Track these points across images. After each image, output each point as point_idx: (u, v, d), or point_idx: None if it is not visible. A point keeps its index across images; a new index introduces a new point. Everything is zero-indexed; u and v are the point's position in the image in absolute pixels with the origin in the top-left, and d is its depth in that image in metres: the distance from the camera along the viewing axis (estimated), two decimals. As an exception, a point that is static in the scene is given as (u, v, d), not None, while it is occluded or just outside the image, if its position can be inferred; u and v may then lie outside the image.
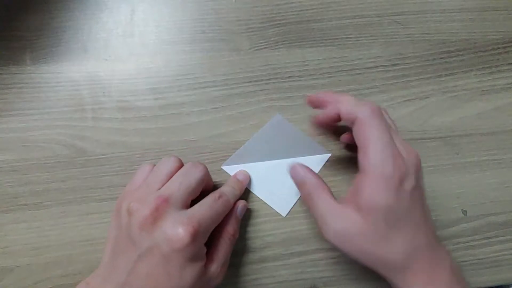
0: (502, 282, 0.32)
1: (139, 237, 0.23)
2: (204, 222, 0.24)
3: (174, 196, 0.24)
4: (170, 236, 0.23)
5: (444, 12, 0.38)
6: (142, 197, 0.25)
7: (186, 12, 0.36)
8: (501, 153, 0.34)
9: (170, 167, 0.27)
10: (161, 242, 0.23)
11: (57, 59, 0.34)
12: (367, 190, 0.23)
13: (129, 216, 0.24)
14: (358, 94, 0.35)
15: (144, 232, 0.23)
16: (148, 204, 0.24)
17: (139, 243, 0.23)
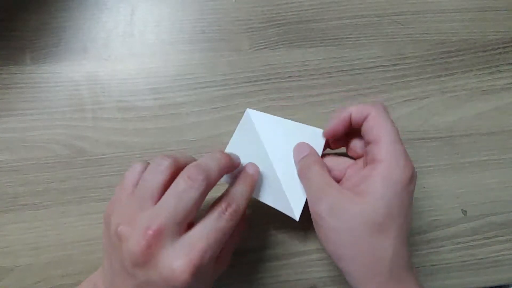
0: (502, 282, 0.32)
1: (133, 271, 0.21)
2: (209, 248, 0.21)
3: (168, 224, 0.20)
4: (167, 277, 0.20)
5: (444, 12, 0.38)
6: (131, 218, 0.21)
7: (186, 12, 0.36)
8: (501, 153, 0.34)
9: (162, 177, 0.22)
10: (157, 281, 0.20)
11: (57, 59, 0.34)
12: (379, 178, 0.22)
13: (120, 241, 0.21)
14: (358, 94, 0.35)
15: (138, 269, 0.20)
16: (138, 239, 0.20)
17: (135, 276, 0.21)
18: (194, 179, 0.21)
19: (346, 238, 0.22)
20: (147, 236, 0.20)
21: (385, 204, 0.22)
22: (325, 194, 0.23)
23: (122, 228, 0.21)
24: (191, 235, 0.21)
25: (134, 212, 0.22)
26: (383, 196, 0.22)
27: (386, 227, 0.22)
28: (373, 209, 0.22)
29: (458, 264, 0.32)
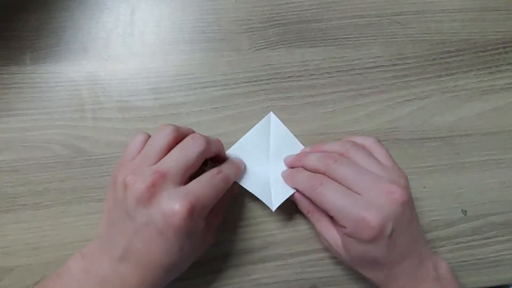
0: (502, 282, 0.32)
1: (135, 212, 0.23)
2: (202, 197, 0.24)
3: (172, 171, 0.24)
4: (167, 212, 0.22)
5: (444, 12, 0.38)
6: (138, 170, 0.24)
7: (186, 12, 0.36)
8: (501, 153, 0.34)
9: (167, 139, 0.25)
10: (157, 218, 0.22)
11: (57, 59, 0.34)
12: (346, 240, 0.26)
13: (125, 189, 0.23)
14: (358, 94, 0.35)
15: (140, 207, 0.22)
16: (145, 179, 0.23)
17: (136, 217, 0.23)
18: (197, 138, 0.25)
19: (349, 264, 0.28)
20: (152, 176, 0.23)
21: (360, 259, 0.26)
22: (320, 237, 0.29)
23: (129, 177, 0.23)
24: (189, 186, 0.24)
25: (140, 166, 0.24)
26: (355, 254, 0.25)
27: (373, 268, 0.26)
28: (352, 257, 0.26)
29: (458, 264, 0.32)
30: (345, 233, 0.25)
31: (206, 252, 0.30)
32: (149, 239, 0.23)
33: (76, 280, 0.23)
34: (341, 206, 0.25)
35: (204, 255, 0.30)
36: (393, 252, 0.24)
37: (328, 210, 0.25)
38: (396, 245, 0.24)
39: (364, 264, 0.26)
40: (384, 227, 0.23)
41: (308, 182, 0.27)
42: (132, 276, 0.23)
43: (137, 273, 0.23)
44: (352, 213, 0.24)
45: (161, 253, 0.23)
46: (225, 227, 0.31)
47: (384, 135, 0.34)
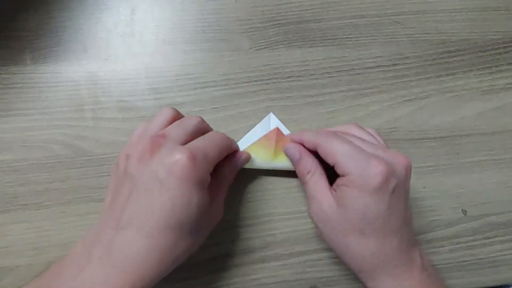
0: (502, 282, 0.32)
1: (136, 170, 0.23)
2: (203, 147, 0.24)
3: (171, 134, 0.24)
4: (167, 162, 0.22)
5: (444, 12, 0.38)
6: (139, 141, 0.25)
7: (186, 12, 0.36)
8: (501, 153, 0.34)
9: (166, 116, 0.26)
10: (158, 170, 0.22)
11: (57, 59, 0.34)
12: (347, 191, 0.24)
13: (127, 159, 0.24)
14: (358, 94, 0.35)
15: (142, 165, 0.22)
16: (145, 141, 0.24)
17: (137, 176, 0.22)
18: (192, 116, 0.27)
19: (333, 239, 0.26)
20: (152, 138, 0.24)
21: (358, 214, 0.24)
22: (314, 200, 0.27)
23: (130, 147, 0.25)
24: (189, 143, 0.24)
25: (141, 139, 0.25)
26: (353, 207, 0.24)
27: (362, 232, 0.24)
28: (347, 218, 0.25)
29: (458, 264, 0.32)
30: (349, 180, 0.24)
31: (206, 252, 0.31)
32: (151, 195, 0.22)
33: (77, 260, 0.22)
34: (350, 151, 0.24)
35: (204, 255, 0.31)
36: (390, 217, 0.24)
37: (334, 156, 0.25)
38: (394, 212, 0.24)
39: (358, 227, 0.24)
40: (389, 178, 0.23)
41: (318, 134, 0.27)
42: (138, 243, 0.21)
43: (143, 239, 0.21)
44: (360, 158, 0.24)
45: (165, 210, 0.21)
46: (225, 227, 0.31)
47: (384, 135, 0.34)
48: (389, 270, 0.25)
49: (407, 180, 0.25)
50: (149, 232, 0.21)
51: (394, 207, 0.24)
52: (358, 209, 0.24)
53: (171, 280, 0.30)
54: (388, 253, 0.24)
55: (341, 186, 0.25)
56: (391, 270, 0.25)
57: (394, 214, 0.24)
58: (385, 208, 0.24)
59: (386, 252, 0.24)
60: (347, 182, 0.24)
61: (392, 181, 0.24)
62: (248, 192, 0.32)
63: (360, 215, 0.24)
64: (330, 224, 0.25)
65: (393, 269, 0.25)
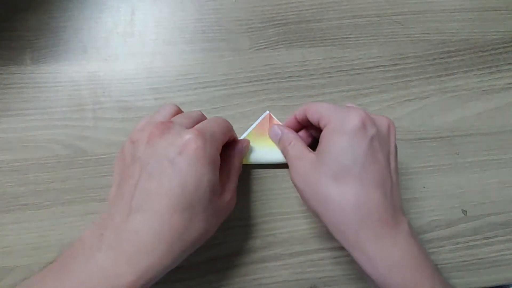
0: (502, 282, 0.32)
1: (145, 153, 0.22)
2: (210, 127, 0.24)
3: (178, 120, 0.25)
4: (177, 142, 0.22)
5: (444, 12, 0.38)
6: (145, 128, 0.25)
7: (186, 12, 0.36)
8: (501, 153, 0.34)
9: (170, 110, 0.27)
10: (167, 149, 0.22)
11: (57, 59, 0.34)
12: (325, 135, 0.25)
13: (133, 144, 0.24)
14: (358, 94, 0.35)
15: (150, 147, 0.22)
16: (153, 125, 0.24)
17: (146, 159, 0.22)
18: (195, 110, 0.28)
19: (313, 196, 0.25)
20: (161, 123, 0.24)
21: (333, 156, 0.24)
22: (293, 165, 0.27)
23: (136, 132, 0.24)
24: (196, 125, 0.25)
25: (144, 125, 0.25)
26: (330, 150, 0.24)
27: (340, 177, 0.23)
28: (324, 163, 0.24)
29: (458, 264, 0.32)
30: (329, 128, 0.25)
31: (206, 252, 0.31)
32: (162, 176, 0.21)
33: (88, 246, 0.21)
34: (333, 106, 0.26)
35: (204, 255, 0.31)
36: (368, 166, 0.23)
37: (319, 112, 0.26)
38: (374, 160, 0.23)
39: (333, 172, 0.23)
40: (367, 124, 0.24)
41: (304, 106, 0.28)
42: (148, 227, 0.21)
43: (153, 222, 0.21)
44: (340, 111, 0.25)
45: (176, 190, 0.21)
46: (226, 227, 0.31)
47: (384, 135, 0.34)
48: (372, 227, 0.23)
49: (390, 137, 0.25)
50: (159, 214, 0.21)
51: (373, 156, 0.23)
52: (334, 152, 0.24)
53: (171, 280, 0.30)
54: (370, 207, 0.23)
55: (322, 137, 0.25)
56: (374, 227, 0.23)
57: (374, 164, 0.23)
58: (362, 154, 0.23)
59: (367, 206, 0.23)
60: (327, 130, 0.25)
61: (371, 129, 0.24)
62: (248, 192, 0.32)
63: (335, 157, 0.24)
64: (308, 178, 0.25)
65: (376, 226, 0.23)
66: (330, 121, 0.25)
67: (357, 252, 0.23)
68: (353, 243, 0.23)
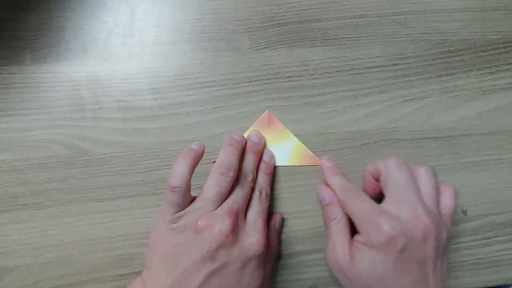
0: (502, 282, 0.32)
1: (215, 253, 0.24)
2: (264, 223, 0.27)
3: (239, 209, 0.26)
4: (249, 248, 0.25)
5: (444, 12, 0.38)
6: (206, 213, 0.25)
7: (186, 12, 0.36)
8: (501, 153, 0.34)
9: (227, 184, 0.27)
10: (240, 256, 0.24)
11: (57, 59, 0.34)
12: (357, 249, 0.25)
13: (198, 233, 0.24)
14: (358, 94, 0.35)
15: (222, 249, 0.24)
16: (223, 221, 0.24)
17: (215, 258, 0.24)
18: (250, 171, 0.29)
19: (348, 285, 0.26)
20: (231, 216, 0.25)
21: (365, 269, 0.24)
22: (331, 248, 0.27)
23: (202, 221, 0.24)
24: (250, 218, 0.27)
25: (209, 210, 0.26)
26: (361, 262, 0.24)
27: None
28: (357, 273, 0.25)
29: (458, 264, 0.32)
30: (360, 237, 0.25)
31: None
32: (226, 277, 0.24)
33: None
34: (362, 209, 0.25)
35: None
36: (401, 275, 0.23)
37: (349, 211, 0.26)
38: (406, 271, 0.23)
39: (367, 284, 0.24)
40: (395, 239, 0.23)
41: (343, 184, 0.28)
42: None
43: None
44: (370, 217, 0.24)
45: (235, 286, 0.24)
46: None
47: (384, 135, 0.34)
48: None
49: (426, 245, 0.24)
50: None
51: (405, 267, 0.23)
52: (365, 265, 0.24)
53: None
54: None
55: (355, 242, 0.26)
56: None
57: (406, 275, 0.23)
58: (392, 267, 0.23)
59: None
60: (359, 239, 0.25)
61: (400, 241, 0.23)
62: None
63: (368, 271, 0.24)
64: (344, 275, 0.26)
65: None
66: (360, 229, 0.25)
67: None
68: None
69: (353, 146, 0.34)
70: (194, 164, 0.26)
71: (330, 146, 0.34)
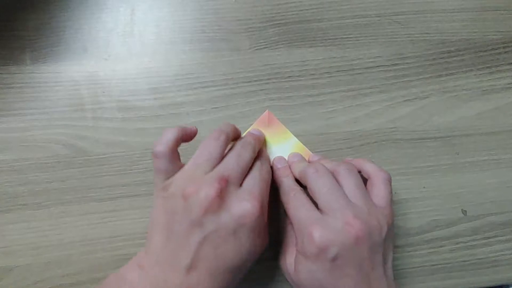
0: (502, 282, 0.32)
1: (203, 219, 0.23)
2: (262, 192, 0.25)
3: (231, 175, 0.24)
4: (239, 214, 0.23)
5: (444, 12, 0.38)
6: (197, 180, 0.24)
7: (186, 12, 0.36)
8: (501, 153, 0.34)
9: (222, 147, 0.26)
10: (229, 221, 0.23)
11: (57, 59, 0.34)
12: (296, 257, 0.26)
13: (186, 200, 0.23)
14: (358, 94, 0.35)
15: (209, 215, 0.23)
16: (210, 186, 0.23)
17: (204, 225, 0.23)
18: (247, 145, 0.27)
19: None
20: (218, 181, 0.23)
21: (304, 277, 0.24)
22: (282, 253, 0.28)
23: (190, 187, 0.23)
24: (247, 184, 0.25)
25: (199, 176, 0.24)
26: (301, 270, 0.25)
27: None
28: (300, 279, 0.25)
29: (458, 264, 0.32)
30: (297, 249, 0.25)
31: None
32: (219, 244, 0.23)
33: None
34: (299, 218, 0.25)
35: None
36: (339, 281, 0.23)
37: (290, 219, 0.26)
38: (343, 276, 0.23)
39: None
40: (326, 248, 0.23)
41: (286, 188, 0.28)
42: (201, 285, 0.23)
43: (206, 281, 0.23)
44: (304, 227, 0.24)
45: (231, 256, 0.23)
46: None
47: (384, 135, 0.34)
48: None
49: (360, 248, 0.24)
50: (212, 274, 0.23)
51: (341, 273, 0.23)
52: (306, 274, 0.24)
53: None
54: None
55: (296, 251, 0.26)
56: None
57: (343, 280, 0.24)
58: (328, 274, 0.23)
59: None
60: (298, 248, 0.25)
61: (331, 250, 0.23)
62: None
63: (307, 280, 0.24)
64: (292, 282, 0.26)
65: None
66: (297, 238, 0.25)
67: None
68: None
69: (353, 146, 0.34)
70: (181, 135, 0.26)
71: (330, 146, 0.34)
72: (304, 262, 0.24)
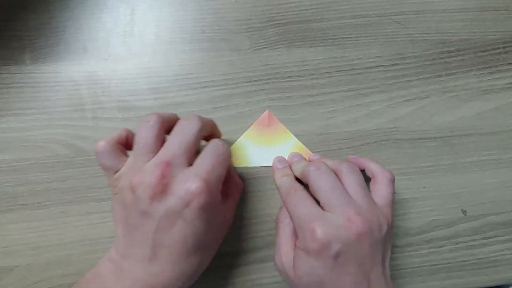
0: (502, 282, 0.32)
1: (151, 208, 0.22)
2: (212, 170, 0.24)
3: (175, 157, 0.23)
4: (183, 196, 0.22)
5: (444, 12, 0.38)
6: (139, 169, 0.23)
7: (186, 12, 0.36)
8: (501, 153, 0.34)
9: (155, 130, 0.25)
10: (175, 205, 0.22)
11: (57, 59, 0.34)
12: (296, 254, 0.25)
13: (133, 192, 0.23)
14: (358, 94, 0.35)
15: (155, 203, 0.22)
16: (151, 173, 0.22)
17: (153, 214, 0.22)
18: (190, 119, 0.25)
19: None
20: (159, 167, 0.23)
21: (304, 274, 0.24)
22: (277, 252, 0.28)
23: (134, 178, 0.23)
24: (196, 164, 0.24)
25: (139, 165, 0.24)
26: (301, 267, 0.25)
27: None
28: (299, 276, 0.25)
29: (458, 264, 0.32)
30: (298, 246, 0.25)
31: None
32: (171, 228, 0.22)
33: (108, 283, 0.23)
34: (300, 214, 0.25)
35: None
36: (340, 278, 0.24)
37: (290, 216, 0.26)
38: (344, 273, 0.23)
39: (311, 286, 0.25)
40: (329, 244, 0.23)
41: (287, 187, 0.27)
42: (166, 273, 0.23)
43: (170, 269, 0.23)
44: (305, 223, 0.24)
45: (187, 239, 0.23)
46: (225, 227, 0.31)
47: (384, 135, 0.34)
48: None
49: (361, 245, 0.24)
50: (174, 260, 0.23)
51: (342, 270, 0.23)
52: (307, 270, 0.24)
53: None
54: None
55: (296, 247, 0.26)
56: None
57: (345, 276, 0.24)
58: (330, 271, 0.23)
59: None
60: (298, 244, 0.25)
61: (333, 246, 0.23)
62: (248, 192, 0.32)
63: (307, 277, 0.24)
64: (288, 279, 0.26)
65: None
66: (298, 235, 0.25)
67: None
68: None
69: (353, 146, 0.34)
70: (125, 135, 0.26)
71: (330, 146, 0.34)
72: (304, 258, 0.24)
